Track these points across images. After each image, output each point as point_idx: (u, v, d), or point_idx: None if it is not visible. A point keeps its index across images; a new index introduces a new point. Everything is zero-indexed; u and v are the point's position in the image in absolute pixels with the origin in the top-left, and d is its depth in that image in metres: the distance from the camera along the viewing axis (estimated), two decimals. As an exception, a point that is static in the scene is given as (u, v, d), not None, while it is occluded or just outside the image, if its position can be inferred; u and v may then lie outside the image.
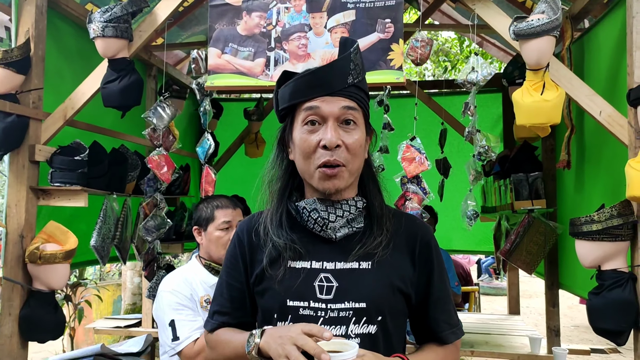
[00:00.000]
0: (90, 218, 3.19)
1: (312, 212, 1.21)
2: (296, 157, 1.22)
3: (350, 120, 1.19)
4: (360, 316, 1.18)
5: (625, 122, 2.25)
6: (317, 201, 1.21)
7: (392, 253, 1.22)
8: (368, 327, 1.18)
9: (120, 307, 6.22)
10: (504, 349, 3.44)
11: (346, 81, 1.19)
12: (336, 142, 1.15)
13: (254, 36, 2.56)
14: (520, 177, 3.27)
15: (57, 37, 3.00)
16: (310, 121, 1.18)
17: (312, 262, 1.21)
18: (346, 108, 1.18)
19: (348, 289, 1.18)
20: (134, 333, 3.78)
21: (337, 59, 1.19)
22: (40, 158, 2.66)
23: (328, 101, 1.17)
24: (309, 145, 1.17)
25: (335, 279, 1.19)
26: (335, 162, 1.16)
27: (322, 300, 1.18)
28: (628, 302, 2.10)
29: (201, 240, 2.26)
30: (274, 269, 1.22)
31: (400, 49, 2.45)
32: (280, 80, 1.27)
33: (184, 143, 4.20)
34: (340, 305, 1.17)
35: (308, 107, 1.17)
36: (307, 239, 1.23)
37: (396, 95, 4.96)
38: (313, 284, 1.19)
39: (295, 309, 1.19)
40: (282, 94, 1.23)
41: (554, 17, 2.21)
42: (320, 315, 1.17)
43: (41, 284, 2.58)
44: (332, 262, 1.21)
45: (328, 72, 1.18)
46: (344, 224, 1.22)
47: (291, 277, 1.20)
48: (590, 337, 6.96)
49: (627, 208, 2.16)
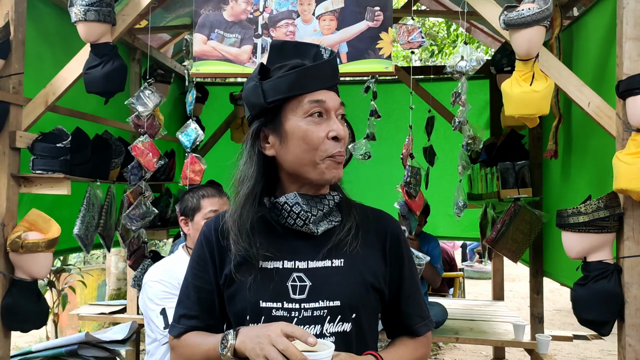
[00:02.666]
0: (73, 205, 3.14)
1: (294, 207, 1.19)
2: (291, 151, 1.18)
3: (343, 115, 1.23)
4: (335, 315, 1.17)
5: (613, 114, 2.25)
6: (299, 195, 1.19)
7: (364, 249, 1.22)
8: (343, 325, 1.18)
9: (105, 292, 6.18)
10: (488, 336, 3.48)
11: (337, 78, 1.23)
12: (345, 135, 1.18)
13: (240, 22, 2.51)
14: (507, 165, 3.28)
15: (37, 20, 2.92)
16: (317, 113, 1.17)
17: (284, 262, 1.19)
18: (341, 103, 1.21)
19: (322, 288, 1.17)
20: (118, 319, 3.76)
21: (332, 57, 1.21)
22: (21, 145, 2.60)
23: (330, 95, 1.19)
24: (318, 137, 1.16)
25: (308, 278, 1.18)
26: (342, 154, 1.19)
27: (295, 300, 1.16)
28: (613, 293, 2.12)
29: (188, 230, 2.24)
30: (244, 270, 1.19)
31: (389, 37, 2.42)
32: (262, 72, 1.23)
33: (169, 128, 4.14)
34: (314, 304, 1.16)
35: (315, 99, 1.17)
36: (280, 237, 1.21)
37: (382, 81, 4.92)
38: (286, 284, 1.17)
39: (268, 310, 1.17)
40: (275, 84, 1.18)
41: (545, 6, 2.19)
42: (294, 316, 1.16)
43: (23, 273, 2.54)
44: (304, 261, 1.19)
45: (327, 67, 1.20)
46: (322, 217, 1.21)
47: (263, 279, 1.18)
48: (572, 322, 7.07)
49: (613, 200, 2.16)
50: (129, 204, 2.85)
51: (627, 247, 2.16)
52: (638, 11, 2.17)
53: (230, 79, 5.29)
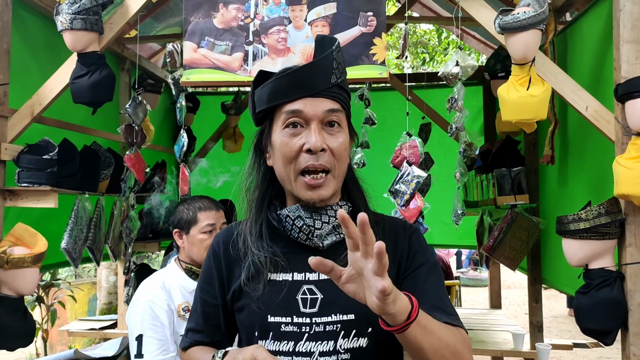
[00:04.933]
0: (61, 218, 3.06)
1: (296, 220, 1.13)
2: (276, 163, 1.14)
3: (334, 122, 1.12)
4: (349, 329, 1.09)
5: (611, 118, 2.21)
6: (301, 208, 1.13)
7: None
8: (359, 340, 1.10)
9: (96, 307, 6.08)
10: (487, 345, 3.42)
11: (329, 81, 1.11)
12: (321, 146, 1.08)
13: (231, 29, 2.46)
14: (502, 171, 3.24)
15: (23, 30, 2.85)
16: (291, 124, 1.10)
17: (294, 274, 1.13)
18: (330, 110, 1.11)
19: (334, 301, 1.10)
20: (109, 335, 3.67)
21: (320, 58, 1.11)
22: (6, 157, 2.53)
23: (311, 103, 1.09)
24: (291, 150, 1.09)
25: (319, 291, 1.11)
26: (321, 167, 1.08)
27: (306, 314, 1.10)
28: (616, 302, 2.08)
29: (182, 243, 2.17)
30: (254, 283, 1.13)
31: (383, 43, 2.37)
32: (257, 80, 1.18)
33: (159, 138, 4.10)
34: (326, 318, 1.09)
35: (290, 109, 1.09)
36: (289, 249, 1.15)
37: (375, 89, 4.89)
38: (296, 297, 1.11)
39: (276, 325, 1.10)
40: (260, 95, 1.14)
41: (540, 10, 2.16)
42: (304, 331, 1.09)
43: (9, 289, 2.45)
44: (315, 273, 1.12)
45: (310, 71, 1.10)
46: (330, 230, 1.14)
47: (272, 292, 1.11)
48: (569, 328, 7.04)
49: (614, 206, 2.12)
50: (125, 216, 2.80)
51: (630, 253, 2.12)
52: (635, 14, 2.14)
53: (222, 89, 5.25)
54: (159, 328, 2.00)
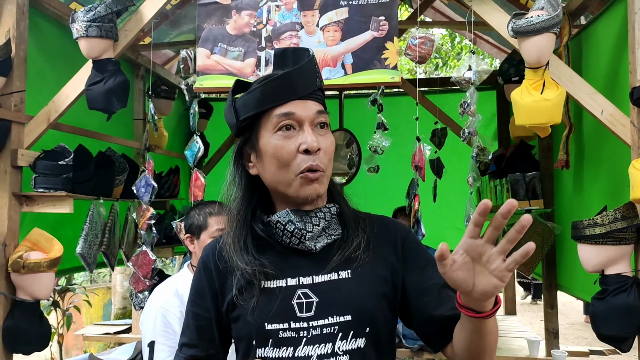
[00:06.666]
0: (76, 223, 3.09)
1: (287, 225, 1.12)
2: (267, 169, 1.13)
3: (324, 123, 1.14)
4: (347, 330, 1.09)
5: (627, 122, 2.18)
6: (291, 212, 1.13)
7: (372, 258, 1.15)
8: (357, 341, 1.09)
9: (111, 311, 6.12)
10: (502, 352, 3.39)
11: (315, 84, 1.14)
12: (318, 146, 1.09)
13: (243, 35, 2.47)
14: (517, 176, 3.21)
15: (39, 38, 2.90)
16: (285, 126, 1.10)
17: (287, 280, 1.12)
18: (319, 112, 1.12)
19: (330, 303, 1.10)
20: (124, 340, 3.70)
21: (306, 62, 1.12)
22: (23, 163, 2.56)
23: (301, 105, 1.10)
24: (288, 152, 1.09)
25: (314, 294, 1.11)
26: (317, 167, 1.09)
27: (302, 319, 1.09)
28: (633, 307, 2.04)
29: (194, 248, 2.17)
30: (247, 293, 1.12)
31: (395, 47, 2.37)
32: (235, 89, 1.19)
33: (173, 144, 4.12)
34: (323, 321, 1.09)
35: (282, 112, 1.09)
36: (279, 256, 1.14)
37: (387, 94, 4.89)
38: (291, 302, 1.10)
39: (274, 332, 1.09)
40: (245, 101, 1.14)
41: (554, 13, 2.14)
42: (302, 336, 1.08)
43: (25, 293, 2.48)
44: (308, 277, 1.12)
45: (299, 75, 1.11)
46: (320, 232, 1.14)
47: (266, 300, 1.11)
48: (586, 335, 6.95)
49: (631, 211, 2.09)
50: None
51: (646, 259, 2.09)
52: (650, 17, 2.12)
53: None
54: (171, 335, 2.00)
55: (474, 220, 0.90)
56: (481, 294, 0.92)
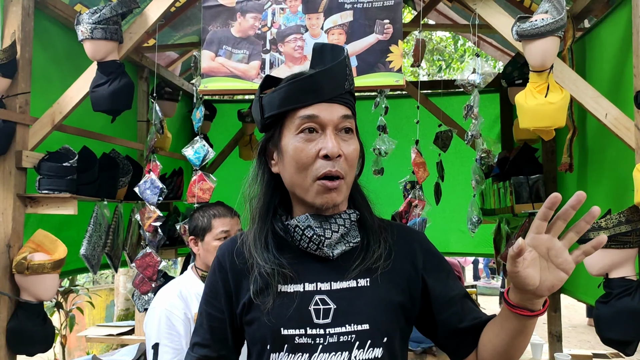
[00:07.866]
0: (80, 225, 3.10)
1: (306, 230, 1.10)
2: (286, 170, 1.11)
3: (349, 128, 1.11)
4: (364, 339, 1.07)
5: (631, 125, 2.18)
6: (310, 217, 1.11)
7: (392, 267, 1.13)
8: (374, 351, 1.08)
9: (113, 313, 6.13)
10: (505, 355, 3.38)
11: (343, 87, 1.10)
12: (338, 152, 1.06)
13: (248, 38, 2.48)
14: (520, 179, 3.21)
15: (44, 39, 2.91)
16: (307, 129, 1.07)
17: (305, 285, 1.11)
18: (345, 116, 1.09)
19: (348, 310, 1.08)
20: (126, 341, 3.71)
21: (334, 64, 1.09)
22: (27, 165, 2.57)
23: (326, 108, 1.08)
24: (307, 156, 1.07)
25: (332, 301, 1.09)
26: (337, 174, 1.07)
27: (319, 325, 1.07)
28: (637, 311, 2.04)
29: (198, 250, 2.18)
30: (263, 295, 1.11)
31: (399, 50, 2.37)
32: (264, 84, 1.18)
33: (176, 146, 4.13)
34: (340, 329, 1.07)
35: (305, 114, 1.07)
36: (297, 259, 1.13)
37: (391, 96, 4.89)
38: (308, 308, 1.08)
39: (290, 338, 1.08)
40: (270, 99, 1.12)
41: (559, 17, 2.14)
42: (318, 343, 1.07)
43: (29, 295, 2.49)
44: (326, 283, 1.10)
45: (325, 76, 1.08)
46: (338, 239, 1.12)
47: (283, 304, 1.09)
48: (589, 338, 6.93)
49: (635, 214, 2.09)
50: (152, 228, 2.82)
51: (651, 262, 2.08)
52: (655, 20, 2.12)
53: (238, 96, 5.28)
54: (175, 337, 2.00)
55: (542, 215, 0.90)
56: (547, 289, 0.92)
